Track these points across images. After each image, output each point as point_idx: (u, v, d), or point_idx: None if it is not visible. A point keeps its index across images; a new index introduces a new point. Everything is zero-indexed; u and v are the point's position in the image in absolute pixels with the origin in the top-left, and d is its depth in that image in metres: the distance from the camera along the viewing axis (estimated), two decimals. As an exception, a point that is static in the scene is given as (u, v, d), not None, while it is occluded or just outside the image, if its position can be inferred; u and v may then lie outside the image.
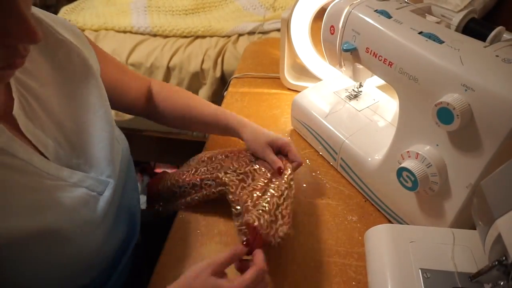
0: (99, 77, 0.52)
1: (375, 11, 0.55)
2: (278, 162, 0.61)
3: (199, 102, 0.71)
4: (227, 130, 0.68)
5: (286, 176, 0.58)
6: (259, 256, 0.47)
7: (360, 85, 0.72)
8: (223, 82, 1.42)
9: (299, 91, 0.77)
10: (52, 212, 0.42)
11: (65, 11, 1.59)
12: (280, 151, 0.63)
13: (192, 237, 0.60)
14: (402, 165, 0.50)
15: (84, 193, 0.46)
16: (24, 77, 0.44)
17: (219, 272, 0.45)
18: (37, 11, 0.47)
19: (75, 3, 1.68)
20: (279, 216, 0.53)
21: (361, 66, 0.60)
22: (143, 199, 0.72)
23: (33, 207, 0.40)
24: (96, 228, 0.47)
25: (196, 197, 0.62)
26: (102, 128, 0.50)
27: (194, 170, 0.64)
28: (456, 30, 0.49)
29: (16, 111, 0.42)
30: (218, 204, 0.64)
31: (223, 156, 0.66)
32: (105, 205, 0.48)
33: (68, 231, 0.43)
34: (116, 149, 0.52)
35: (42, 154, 0.44)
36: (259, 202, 0.54)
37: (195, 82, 1.45)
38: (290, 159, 0.62)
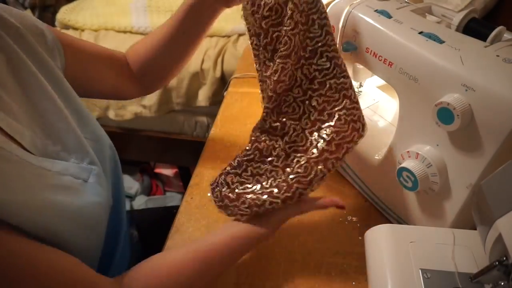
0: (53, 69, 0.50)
1: (375, 11, 0.54)
2: None
3: (155, 31, 0.65)
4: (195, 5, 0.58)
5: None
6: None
7: (360, 85, 0.72)
8: (223, 82, 1.42)
9: (299, 91, 0.77)
10: (42, 194, 0.40)
11: (64, 11, 1.59)
12: None
13: (192, 237, 0.60)
14: (402, 165, 0.50)
15: (70, 180, 0.45)
16: None
17: None
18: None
19: (74, 2, 1.67)
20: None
21: (361, 66, 0.60)
22: (143, 199, 0.72)
23: (26, 192, 0.39)
24: (92, 215, 0.46)
25: None
26: (61, 114, 0.48)
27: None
28: (457, 30, 0.49)
29: None
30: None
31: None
32: (94, 192, 0.47)
33: (65, 215, 0.42)
34: (93, 142, 0.52)
35: (18, 144, 0.42)
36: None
37: (195, 82, 1.45)
38: None
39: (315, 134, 0.51)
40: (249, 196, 0.50)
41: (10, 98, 0.43)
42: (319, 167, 0.48)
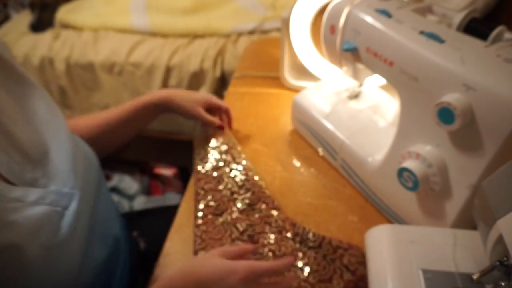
0: (41, 88, 0.49)
1: (375, 10, 0.54)
2: (216, 120, 0.69)
3: (103, 113, 0.66)
4: (149, 106, 0.64)
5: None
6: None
7: (361, 85, 0.72)
8: (223, 82, 1.42)
9: (299, 91, 0.77)
10: (8, 232, 0.37)
11: (64, 11, 1.59)
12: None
13: (192, 237, 0.59)
14: (403, 165, 0.50)
15: (46, 210, 0.41)
16: None
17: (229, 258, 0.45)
18: None
19: (74, 2, 1.67)
20: None
21: (361, 66, 0.60)
22: (142, 199, 0.72)
23: None
24: (65, 248, 0.42)
25: None
26: (60, 138, 0.46)
27: None
28: (457, 29, 0.49)
29: None
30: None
31: None
32: (72, 220, 0.43)
33: (30, 252, 0.38)
34: (80, 160, 0.48)
35: None
36: None
37: (194, 82, 1.45)
38: (219, 106, 0.70)
39: None
40: None
41: None
42: None
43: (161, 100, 0.65)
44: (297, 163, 0.71)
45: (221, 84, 1.42)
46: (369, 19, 0.54)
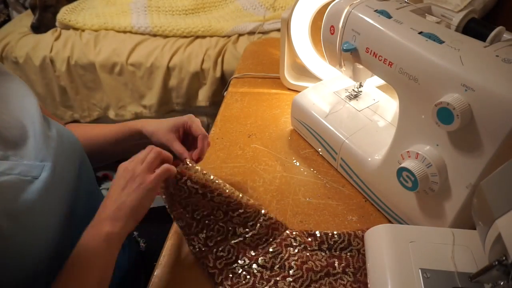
0: (12, 74, 0.51)
1: (375, 11, 0.55)
2: (184, 152, 0.59)
3: (99, 126, 0.68)
4: (130, 131, 0.65)
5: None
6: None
7: (360, 85, 0.72)
8: (223, 82, 1.42)
9: (299, 91, 0.77)
10: None
11: (65, 11, 1.59)
12: (188, 131, 0.62)
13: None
14: (402, 165, 0.50)
15: (13, 179, 0.42)
16: None
17: None
18: None
19: (75, 3, 1.68)
20: None
21: (361, 66, 0.60)
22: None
23: None
24: (34, 217, 0.42)
25: None
26: (33, 119, 0.48)
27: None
28: (456, 30, 0.49)
29: None
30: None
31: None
32: (41, 188, 0.43)
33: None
34: (53, 137, 0.49)
35: None
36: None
37: (195, 82, 1.45)
38: (195, 133, 0.60)
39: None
40: None
41: None
42: None
43: (136, 130, 0.65)
44: (297, 163, 0.72)
45: (221, 84, 1.43)
46: (368, 19, 0.54)
